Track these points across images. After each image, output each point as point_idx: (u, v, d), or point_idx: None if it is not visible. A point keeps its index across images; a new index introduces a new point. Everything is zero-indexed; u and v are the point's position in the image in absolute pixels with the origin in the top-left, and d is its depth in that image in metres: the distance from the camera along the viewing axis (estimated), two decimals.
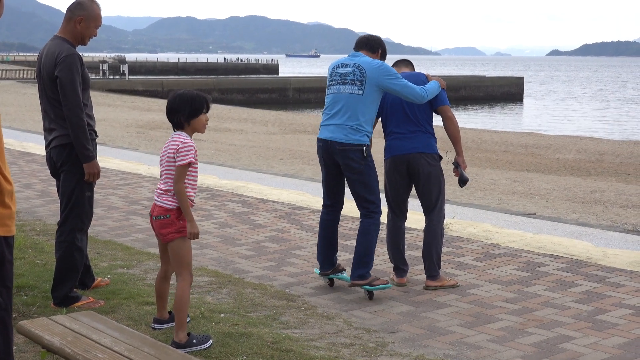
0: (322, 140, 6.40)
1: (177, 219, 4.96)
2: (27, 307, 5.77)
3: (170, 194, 4.96)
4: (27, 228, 8.56)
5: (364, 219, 6.42)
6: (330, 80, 6.50)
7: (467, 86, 64.93)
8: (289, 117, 37.29)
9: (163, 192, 4.99)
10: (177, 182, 4.91)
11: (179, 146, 4.92)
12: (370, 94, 6.30)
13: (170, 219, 4.96)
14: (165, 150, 5.04)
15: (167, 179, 5.00)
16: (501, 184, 15.51)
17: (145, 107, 39.00)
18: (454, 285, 6.69)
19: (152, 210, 5.08)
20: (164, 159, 5.03)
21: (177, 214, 4.96)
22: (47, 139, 5.94)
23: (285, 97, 58.95)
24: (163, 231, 4.99)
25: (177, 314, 4.98)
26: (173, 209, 4.95)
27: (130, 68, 77.60)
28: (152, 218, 5.06)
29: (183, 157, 4.90)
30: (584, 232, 8.86)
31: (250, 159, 18.30)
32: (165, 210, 4.96)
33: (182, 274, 5.00)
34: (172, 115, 5.04)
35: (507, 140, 26.63)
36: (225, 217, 9.41)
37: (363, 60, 6.39)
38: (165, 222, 4.97)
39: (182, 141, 4.94)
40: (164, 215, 4.97)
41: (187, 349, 4.87)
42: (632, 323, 5.76)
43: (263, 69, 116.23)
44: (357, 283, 6.35)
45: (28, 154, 15.26)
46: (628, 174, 18.42)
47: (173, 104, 5.04)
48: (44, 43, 6.05)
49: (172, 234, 4.97)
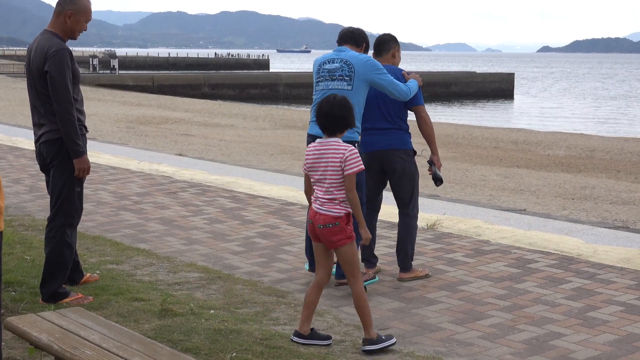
0: (312, 136, 6.42)
1: (346, 225, 5.08)
2: (15, 303, 5.73)
3: (336, 202, 5.04)
4: (16, 223, 8.51)
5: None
6: (318, 77, 6.52)
7: (457, 82, 64.92)
8: (280, 112, 37.24)
9: (327, 200, 5.06)
10: (351, 190, 5.02)
11: (345, 155, 5.00)
12: (359, 89, 6.34)
13: (340, 226, 5.05)
14: (319, 158, 5.10)
15: (331, 188, 5.05)
16: (491, 180, 15.52)
17: (136, 102, 38.90)
18: (427, 276, 6.80)
19: (314, 219, 5.12)
20: (322, 166, 5.07)
21: (345, 220, 5.07)
22: (37, 133, 5.90)
23: (276, 92, 58.86)
24: (334, 238, 5.07)
25: (362, 314, 5.08)
26: (341, 216, 5.05)
27: (121, 63, 77.21)
28: (318, 227, 5.09)
29: (354, 165, 4.99)
30: (574, 229, 8.86)
31: (240, 154, 18.26)
32: (334, 218, 5.04)
33: (355, 276, 5.12)
34: (331, 121, 5.10)
35: (498, 137, 26.64)
36: (216, 212, 9.37)
37: (350, 55, 6.42)
38: (335, 229, 5.05)
39: (347, 149, 5.03)
40: (333, 223, 5.05)
41: (379, 345, 5.00)
42: (622, 320, 5.76)
43: (254, 64, 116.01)
44: (343, 281, 6.36)
45: (17, 148, 15.19)
46: (618, 170, 18.45)
47: (334, 110, 5.09)
48: (34, 37, 6.00)
49: (343, 240, 5.07)
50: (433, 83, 62.90)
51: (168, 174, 12.26)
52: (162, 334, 5.17)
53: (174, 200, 10.10)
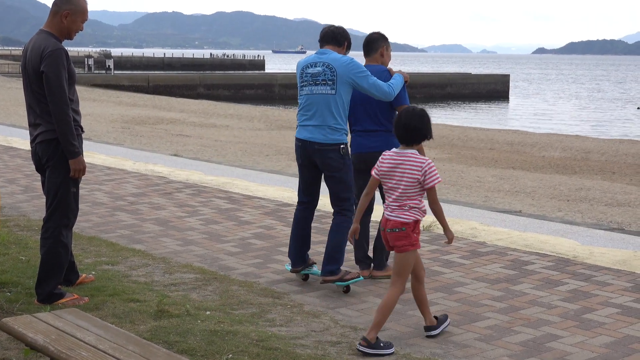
0: (300, 140, 6.52)
1: (412, 232, 5.19)
2: (10, 304, 5.71)
3: (405, 209, 5.17)
4: (11, 223, 8.48)
5: (337, 216, 6.57)
6: (302, 81, 6.57)
7: (453, 83, 64.99)
8: (275, 113, 37.23)
9: (397, 207, 5.19)
10: (436, 202, 5.23)
11: (424, 168, 5.13)
12: (343, 91, 6.41)
13: (405, 232, 5.17)
14: (395, 167, 5.20)
15: (402, 196, 5.18)
16: (487, 181, 15.52)
17: (131, 103, 38.87)
18: None
19: (384, 224, 5.27)
20: (397, 175, 5.19)
21: (412, 227, 5.18)
22: (32, 134, 5.88)
23: (272, 93, 58.85)
24: (398, 243, 5.20)
25: (381, 315, 5.15)
26: (409, 222, 5.17)
27: (116, 63, 77.24)
28: (386, 231, 5.23)
29: (434, 178, 5.14)
30: (569, 230, 8.87)
31: (236, 155, 18.24)
32: (401, 223, 5.17)
33: (398, 283, 5.23)
34: (410, 133, 5.22)
35: (493, 138, 26.67)
36: (211, 213, 9.36)
37: (332, 57, 6.46)
38: (400, 234, 5.18)
39: (425, 162, 5.16)
40: (400, 228, 5.17)
41: (375, 350, 5.03)
42: (618, 322, 5.76)
43: (249, 64, 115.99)
44: (328, 279, 6.43)
45: (12, 148, 15.16)
46: (613, 172, 18.47)
47: (413, 122, 5.22)
48: (30, 37, 5.98)
49: (406, 246, 5.19)
50: (428, 84, 62.96)
51: (163, 174, 12.24)
52: (158, 335, 5.15)
53: (170, 200, 10.08)
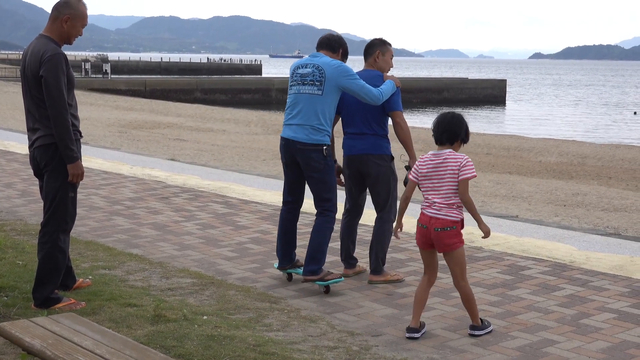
0: (284, 139, 6.63)
1: (461, 229, 5.47)
2: (7, 309, 5.70)
3: (454, 207, 5.42)
4: (8, 228, 8.48)
5: (319, 216, 6.66)
6: (292, 81, 6.70)
7: (450, 88, 65.07)
8: (272, 117, 37.22)
9: (445, 205, 5.42)
10: (466, 192, 5.43)
11: (462, 162, 5.40)
12: (330, 93, 6.49)
13: (456, 230, 5.44)
14: (437, 167, 5.44)
15: (449, 193, 5.43)
16: (483, 186, 15.54)
17: (128, 107, 38.85)
18: (398, 280, 6.88)
19: (428, 224, 5.45)
20: (440, 174, 5.43)
21: (461, 225, 5.47)
22: (31, 138, 5.88)
23: (269, 97, 58.88)
24: (449, 241, 5.43)
25: (470, 309, 5.55)
26: (458, 220, 5.44)
27: (113, 67, 77.22)
28: (435, 229, 5.41)
29: (468, 172, 5.41)
30: (566, 235, 8.88)
31: (233, 159, 18.25)
32: (452, 222, 5.42)
33: (464, 278, 5.54)
34: (447, 136, 5.50)
35: (490, 143, 26.69)
36: (208, 218, 9.36)
37: (322, 60, 6.58)
38: (451, 233, 5.42)
39: (463, 157, 5.43)
40: (450, 227, 5.41)
41: (484, 330, 5.55)
42: (615, 327, 5.76)
43: (246, 69, 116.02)
44: (309, 278, 6.52)
45: (9, 152, 15.15)
46: (610, 177, 18.50)
47: (451, 127, 5.51)
48: (26, 41, 6.06)
49: (457, 243, 5.45)
50: (425, 89, 63.04)
51: (160, 178, 12.24)
52: (155, 339, 5.15)
53: (167, 205, 10.08)
